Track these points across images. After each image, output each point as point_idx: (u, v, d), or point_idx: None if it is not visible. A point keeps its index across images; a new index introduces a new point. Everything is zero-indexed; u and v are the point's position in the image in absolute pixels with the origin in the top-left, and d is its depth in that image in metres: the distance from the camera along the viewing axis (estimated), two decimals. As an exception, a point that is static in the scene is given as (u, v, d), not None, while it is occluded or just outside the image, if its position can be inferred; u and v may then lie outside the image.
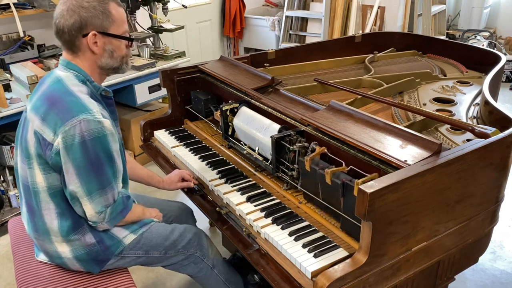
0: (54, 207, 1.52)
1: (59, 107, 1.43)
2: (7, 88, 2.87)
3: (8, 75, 2.96)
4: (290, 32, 5.47)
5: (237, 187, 1.75)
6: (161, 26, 3.73)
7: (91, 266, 1.62)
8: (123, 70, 1.61)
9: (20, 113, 2.69)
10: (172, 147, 2.11)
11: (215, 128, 2.20)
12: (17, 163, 1.60)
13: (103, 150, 1.44)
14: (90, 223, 1.54)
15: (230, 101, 2.00)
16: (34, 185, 1.51)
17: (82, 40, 1.48)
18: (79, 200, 1.48)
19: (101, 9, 1.46)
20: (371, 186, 1.17)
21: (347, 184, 1.38)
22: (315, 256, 1.35)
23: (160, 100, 3.95)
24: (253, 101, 1.95)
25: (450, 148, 1.36)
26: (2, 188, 2.95)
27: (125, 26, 1.55)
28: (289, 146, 1.64)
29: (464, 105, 2.05)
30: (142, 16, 3.82)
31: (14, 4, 3.17)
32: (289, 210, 1.60)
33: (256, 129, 1.81)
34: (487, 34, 5.97)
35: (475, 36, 5.85)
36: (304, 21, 5.46)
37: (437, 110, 1.97)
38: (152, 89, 3.54)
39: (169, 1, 3.70)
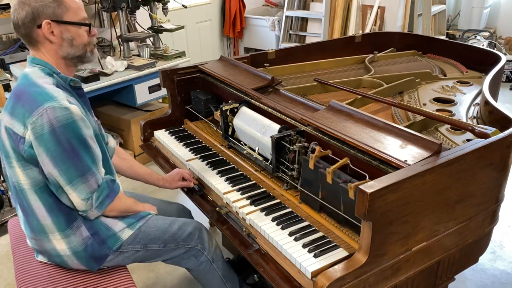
0: (41, 205, 1.52)
1: (24, 99, 1.43)
2: (7, 88, 2.87)
3: (8, 75, 2.96)
4: (290, 32, 5.47)
5: (237, 187, 1.75)
6: (161, 26, 3.73)
7: (90, 262, 1.61)
8: (88, 59, 1.58)
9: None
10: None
11: (215, 128, 2.20)
12: (4, 168, 1.59)
13: (75, 136, 1.43)
14: (80, 212, 1.53)
15: (230, 101, 2.00)
16: (19, 184, 1.51)
17: (38, 32, 1.46)
18: (63, 190, 1.48)
19: None
20: (371, 186, 1.17)
21: (342, 187, 1.39)
22: (315, 256, 1.35)
23: (160, 100, 3.95)
24: (253, 101, 1.95)
25: (450, 148, 1.36)
26: (2, 188, 2.94)
27: (81, 14, 1.52)
28: (289, 146, 1.64)
29: (464, 105, 2.05)
30: (142, 16, 3.82)
31: (14, 4, 3.17)
32: (289, 210, 1.60)
33: (256, 129, 1.81)
34: (487, 34, 5.97)
35: (475, 36, 5.85)
36: (304, 21, 5.46)
37: (437, 110, 1.97)
38: (152, 89, 3.55)
39: (169, 1, 3.70)
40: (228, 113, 1.95)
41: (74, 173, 1.45)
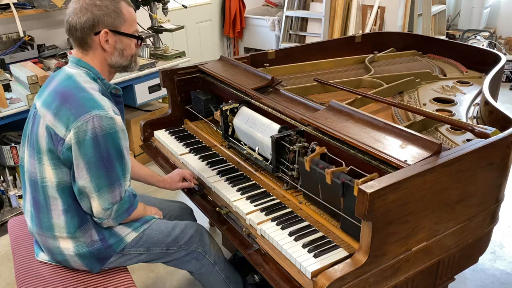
0: (60, 203, 1.53)
1: (72, 103, 1.45)
2: (7, 88, 2.86)
3: (8, 75, 2.96)
4: (290, 32, 5.47)
5: (237, 187, 1.75)
6: (161, 26, 3.73)
7: (92, 263, 1.62)
8: (132, 69, 1.64)
9: (20, 113, 2.71)
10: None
11: (215, 128, 2.20)
12: (23, 159, 1.61)
13: (114, 147, 1.46)
14: (96, 219, 1.55)
15: (230, 101, 2.00)
16: (43, 180, 1.52)
17: (94, 38, 1.51)
18: (87, 195, 1.49)
19: (113, 8, 1.50)
20: (371, 186, 1.17)
21: (347, 183, 1.38)
22: (315, 256, 1.35)
23: (160, 100, 3.95)
24: (253, 101, 1.95)
25: (450, 148, 1.36)
26: (2, 188, 2.94)
27: (135, 26, 1.59)
28: (289, 146, 1.64)
29: (464, 105, 2.05)
30: (142, 16, 3.82)
31: (14, 4, 3.17)
32: (289, 210, 1.60)
33: (256, 129, 1.81)
34: (487, 34, 5.97)
35: (475, 36, 5.85)
36: (304, 21, 5.46)
37: (437, 110, 1.97)
38: (152, 89, 3.55)
39: (169, 1, 3.70)
40: (228, 113, 1.95)
41: (104, 181, 1.47)
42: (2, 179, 2.97)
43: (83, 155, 1.43)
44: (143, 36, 1.62)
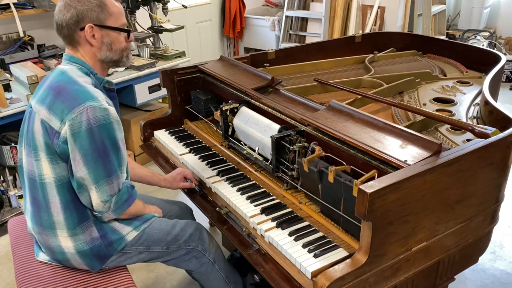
0: (59, 201, 1.53)
1: (65, 96, 1.46)
2: (7, 88, 2.87)
3: (8, 75, 2.96)
4: (290, 32, 5.47)
5: (237, 187, 1.75)
6: (161, 26, 3.73)
7: (93, 262, 1.62)
8: (123, 63, 1.64)
9: (20, 113, 2.71)
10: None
11: (215, 128, 2.20)
12: (21, 159, 1.61)
13: (109, 138, 1.47)
14: (96, 213, 1.55)
15: (230, 101, 2.00)
16: (42, 177, 1.53)
17: (80, 34, 1.51)
18: (86, 188, 1.49)
19: (96, 2, 1.50)
20: (371, 186, 1.17)
21: (347, 184, 1.38)
22: (315, 256, 1.35)
23: (160, 100, 3.95)
24: (253, 101, 1.95)
25: (450, 148, 1.36)
26: (2, 188, 2.94)
27: (122, 19, 1.57)
28: (289, 146, 1.64)
29: (464, 105, 2.05)
30: (142, 16, 3.82)
31: (14, 4, 3.17)
32: (289, 210, 1.60)
33: (256, 129, 1.81)
34: (487, 34, 5.97)
35: (475, 36, 5.85)
36: (304, 21, 5.46)
37: (437, 110, 1.97)
38: (152, 89, 3.55)
39: (169, 1, 3.70)
40: (228, 113, 1.95)
41: (102, 173, 1.47)
42: (2, 179, 2.97)
43: (79, 147, 1.44)
44: (130, 29, 1.62)
